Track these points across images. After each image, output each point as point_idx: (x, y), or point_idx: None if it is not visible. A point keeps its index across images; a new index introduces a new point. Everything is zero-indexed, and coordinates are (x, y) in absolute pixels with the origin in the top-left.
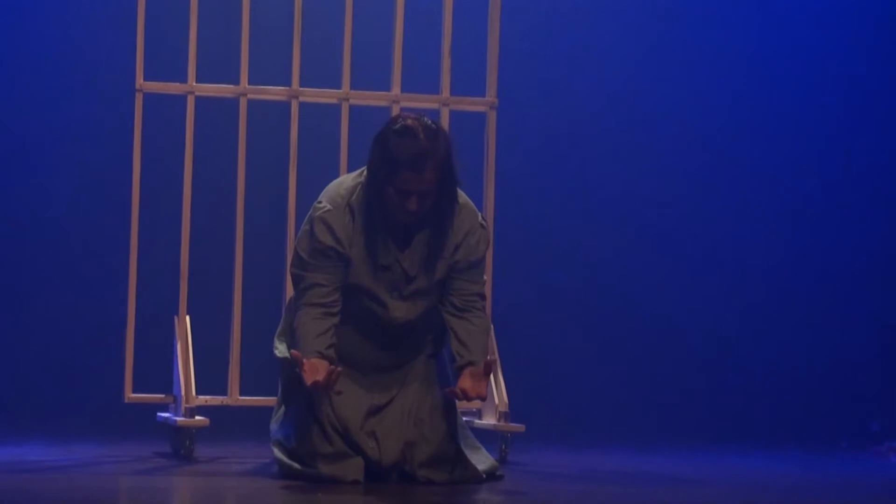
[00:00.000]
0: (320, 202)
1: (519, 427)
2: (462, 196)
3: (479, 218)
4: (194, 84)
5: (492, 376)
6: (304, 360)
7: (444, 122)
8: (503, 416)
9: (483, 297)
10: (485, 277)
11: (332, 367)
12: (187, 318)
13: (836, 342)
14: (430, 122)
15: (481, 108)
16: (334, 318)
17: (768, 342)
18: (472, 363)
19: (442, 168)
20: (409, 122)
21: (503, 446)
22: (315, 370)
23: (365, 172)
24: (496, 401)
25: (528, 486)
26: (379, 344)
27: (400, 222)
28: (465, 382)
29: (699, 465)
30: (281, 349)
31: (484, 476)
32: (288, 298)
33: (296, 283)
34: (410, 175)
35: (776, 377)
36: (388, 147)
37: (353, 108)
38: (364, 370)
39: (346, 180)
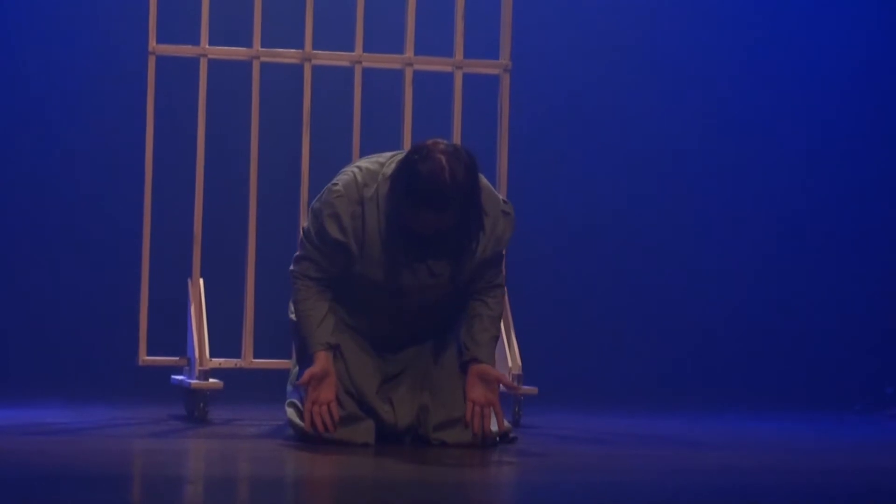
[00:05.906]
0: (336, 185)
1: (532, 389)
2: (484, 186)
3: (502, 204)
4: (207, 47)
5: (505, 339)
6: (308, 373)
7: (458, 85)
8: (516, 378)
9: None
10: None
11: (333, 397)
12: (201, 280)
13: (851, 303)
14: (454, 157)
15: (495, 71)
16: (331, 291)
17: (781, 304)
18: (477, 360)
19: (464, 207)
20: (437, 157)
21: (516, 409)
22: (320, 379)
23: (389, 164)
24: (509, 363)
25: (542, 448)
26: (393, 325)
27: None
28: (475, 392)
29: (712, 428)
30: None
31: (497, 438)
32: None
33: (300, 245)
34: (430, 214)
35: (790, 339)
36: (411, 181)
37: (366, 71)
38: (376, 344)
39: (366, 166)
